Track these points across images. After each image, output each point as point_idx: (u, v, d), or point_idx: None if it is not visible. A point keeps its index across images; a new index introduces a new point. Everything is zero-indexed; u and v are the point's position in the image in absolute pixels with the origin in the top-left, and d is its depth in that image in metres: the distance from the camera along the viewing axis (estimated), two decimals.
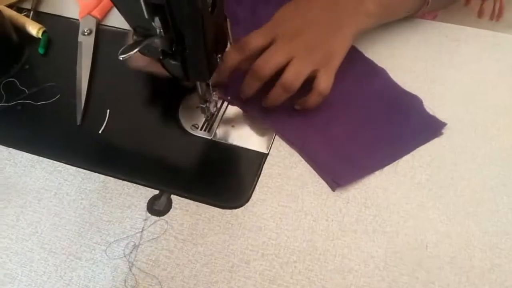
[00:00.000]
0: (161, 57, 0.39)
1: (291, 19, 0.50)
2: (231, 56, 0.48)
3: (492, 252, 0.42)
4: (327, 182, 0.47)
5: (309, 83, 0.48)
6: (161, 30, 0.37)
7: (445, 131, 0.50)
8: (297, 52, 0.48)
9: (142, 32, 0.38)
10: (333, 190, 0.46)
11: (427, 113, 0.51)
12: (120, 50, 0.37)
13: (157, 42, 0.38)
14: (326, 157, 0.48)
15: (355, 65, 0.55)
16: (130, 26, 0.38)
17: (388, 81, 0.54)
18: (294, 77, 0.47)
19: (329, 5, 0.52)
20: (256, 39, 0.48)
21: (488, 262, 0.42)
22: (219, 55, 0.43)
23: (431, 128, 0.50)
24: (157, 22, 0.37)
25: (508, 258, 0.42)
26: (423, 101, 0.52)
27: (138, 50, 0.38)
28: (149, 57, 0.39)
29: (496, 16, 0.62)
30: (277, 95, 0.48)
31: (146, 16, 0.36)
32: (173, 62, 0.41)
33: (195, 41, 0.39)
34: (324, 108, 0.50)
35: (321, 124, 0.51)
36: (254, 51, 0.48)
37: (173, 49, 0.39)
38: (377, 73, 0.55)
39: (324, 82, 0.48)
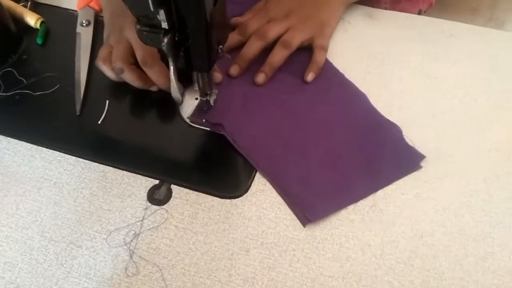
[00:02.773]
0: (163, 48, 0.39)
1: (283, 0, 0.57)
2: (253, 45, 0.54)
3: (485, 241, 0.43)
4: (297, 217, 0.44)
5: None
6: (165, 21, 0.38)
7: (440, 124, 0.51)
8: (293, 24, 0.55)
9: (146, 22, 0.38)
10: (304, 225, 0.43)
11: (407, 144, 0.49)
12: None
13: (160, 34, 0.39)
14: (298, 189, 0.45)
15: (336, 89, 0.54)
16: (134, 15, 0.39)
17: (369, 108, 0.52)
18: (292, 36, 0.54)
19: None
20: (273, 27, 0.54)
21: (482, 250, 0.43)
22: (221, 46, 0.43)
23: (410, 161, 0.48)
24: (161, 15, 0.37)
25: (501, 247, 0.43)
26: (421, 96, 0.53)
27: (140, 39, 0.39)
28: (151, 46, 0.39)
29: None
30: (277, 52, 0.53)
31: (152, 9, 0.36)
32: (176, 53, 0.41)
33: (199, 33, 0.39)
34: (300, 135, 0.49)
35: (296, 153, 0.48)
36: (275, 34, 0.54)
37: (176, 39, 0.39)
38: (358, 100, 0.53)
39: (321, 40, 0.55)
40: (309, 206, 0.44)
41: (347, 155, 0.48)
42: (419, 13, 0.72)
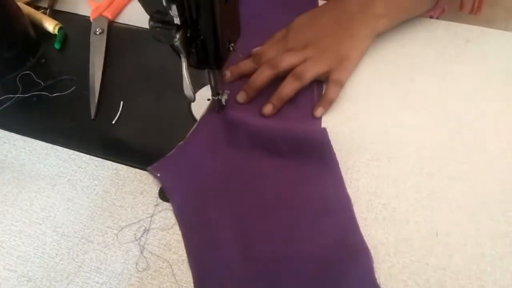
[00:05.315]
0: (176, 44, 0.40)
1: (303, 31, 0.54)
2: (263, 73, 0.51)
3: (502, 241, 0.42)
4: None
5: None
6: (178, 17, 0.38)
7: (455, 125, 0.50)
8: (310, 56, 0.51)
9: (159, 19, 0.39)
10: None
11: (374, 283, 0.39)
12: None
13: (173, 30, 0.40)
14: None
15: (321, 181, 0.46)
16: (147, 12, 0.39)
17: (348, 219, 0.43)
18: (306, 68, 0.50)
19: (338, 15, 0.55)
20: (287, 58, 0.51)
21: (499, 250, 0.41)
22: (232, 44, 0.44)
23: None
24: (174, 10, 0.38)
25: None
26: (435, 97, 0.53)
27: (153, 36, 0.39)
28: (163, 43, 0.40)
29: (476, 9, 0.62)
30: (288, 84, 0.50)
31: (164, 4, 0.37)
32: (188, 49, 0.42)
33: (210, 29, 0.40)
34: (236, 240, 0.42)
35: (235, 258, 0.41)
36: (288, 65, 0.51)
37: (188, 35, 0.40)
38: (339, 206, 0.44)
39: (337, 73, 0.51)
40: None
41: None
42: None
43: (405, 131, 0.50)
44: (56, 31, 0.61)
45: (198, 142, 0.49)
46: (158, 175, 0.46)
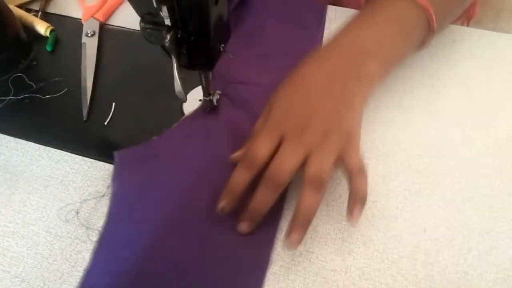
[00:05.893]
0: (166, 45, 0.41)
1: (294, 108, 0.43)
2: (241, 176, 0.41)
3: (489, 236, 0.43)
4: None
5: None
6: (168, 19, 0.39)
7: (442, 123, 0.51)
8: (313, 144, 0.40)
9: (150, 20, 0.40)
10: None
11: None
12: None
13: (164, 31, 0.40)
14: None
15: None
16: (138, 14, 0.40)
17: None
18: (319, 170, 0.39)
19: (328, 78, 0.44)
20: (262, 147, 0.41)
21: (486, 245, 0.42)
22: (223, 45, 0.44)
23: None
24: (164, 11, 0.38)
25: (505, 241, 0.43)
26: (423, 96, 0.54)
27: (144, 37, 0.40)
28: (154, 43, 0.40)
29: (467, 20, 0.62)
30: (308, 197, 0.39)
31: (155, 5, 0.38)
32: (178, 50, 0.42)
33: (200, 30, 0.41)
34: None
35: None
36: (264, 162, 0.41)
37: (179, 36, 0.40)
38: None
39: (353, 158, 0.41)
40: None
41: None
42: None
43: (393, 129, 0.51)
44: (47, 34, 0.61)
45: (168, 142, 0.49)
46: (116, 160, 0.47)
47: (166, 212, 0.44)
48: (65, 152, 0.50)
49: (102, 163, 0.49)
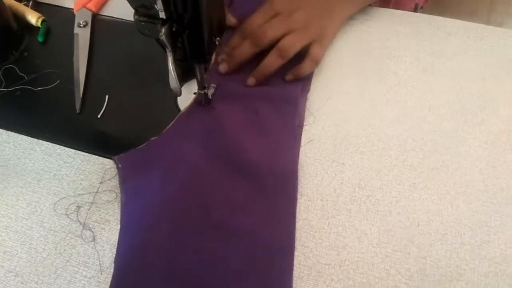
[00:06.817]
0: (161, 38, 0.40)
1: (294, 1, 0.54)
2: (246, 49, 0.52)
3: (481, 230, 0.43)
4: None
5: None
6: (163, 11, 0.38)
7: (436, 117, 0.51)
8: (294, 27, 0.52)
9: (144, 12, 0.39)
10: None
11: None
12: None
13: (158, 24, 0.40)
14: None
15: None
16: (132, 6, 0.39)
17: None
18: (289, 44, 0.51)
19: None
20: (273, 31, 0.52)
21: (478, 239, 0.43)
22: (218, 38, 0.44)
23: None
24: (159, 4, 0.38)
25: (497, 235, 0.43)
26: (417, 91, 0.54)
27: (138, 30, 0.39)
28: (149, 37, 0.40)
29: None
30: (271, 61, 0.51)
31: None
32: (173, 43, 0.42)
33: (195, 23, 0.40)
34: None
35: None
36: (270, 44, 0.52)
37: (174, 29, 0.40)
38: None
39: (317, 49, 0.53)
40: None
41: None
42: (415, 7, 0.72)
43: (388, 124, 0.51)
44: (39, 24, 0.60)
45: (168, 143, 0.48)
46: (120, 166, 0.46)
47: (176, 212, 0.44)
48: (58, 145, 0.49)
49: (96, 156, 0.48)
